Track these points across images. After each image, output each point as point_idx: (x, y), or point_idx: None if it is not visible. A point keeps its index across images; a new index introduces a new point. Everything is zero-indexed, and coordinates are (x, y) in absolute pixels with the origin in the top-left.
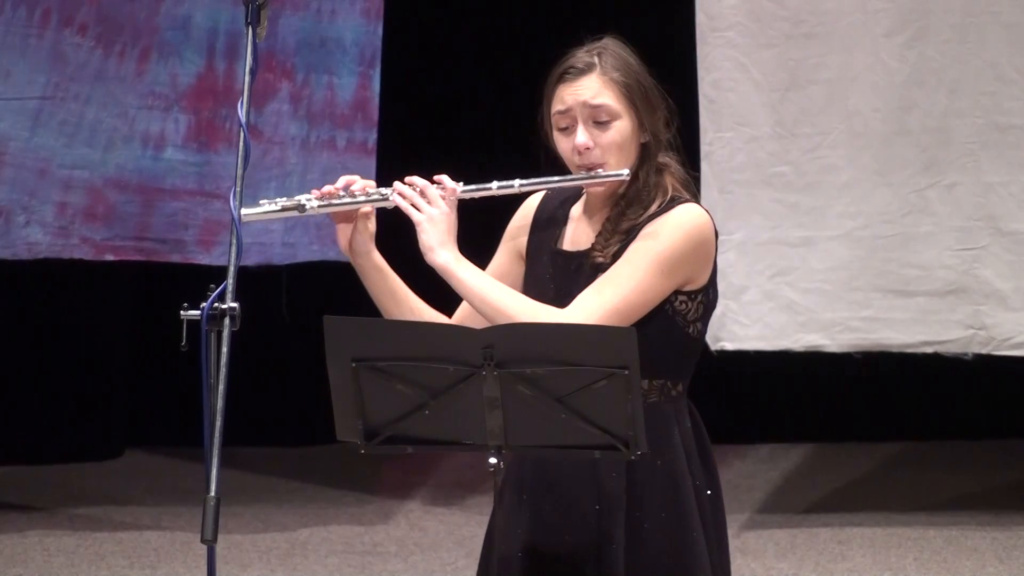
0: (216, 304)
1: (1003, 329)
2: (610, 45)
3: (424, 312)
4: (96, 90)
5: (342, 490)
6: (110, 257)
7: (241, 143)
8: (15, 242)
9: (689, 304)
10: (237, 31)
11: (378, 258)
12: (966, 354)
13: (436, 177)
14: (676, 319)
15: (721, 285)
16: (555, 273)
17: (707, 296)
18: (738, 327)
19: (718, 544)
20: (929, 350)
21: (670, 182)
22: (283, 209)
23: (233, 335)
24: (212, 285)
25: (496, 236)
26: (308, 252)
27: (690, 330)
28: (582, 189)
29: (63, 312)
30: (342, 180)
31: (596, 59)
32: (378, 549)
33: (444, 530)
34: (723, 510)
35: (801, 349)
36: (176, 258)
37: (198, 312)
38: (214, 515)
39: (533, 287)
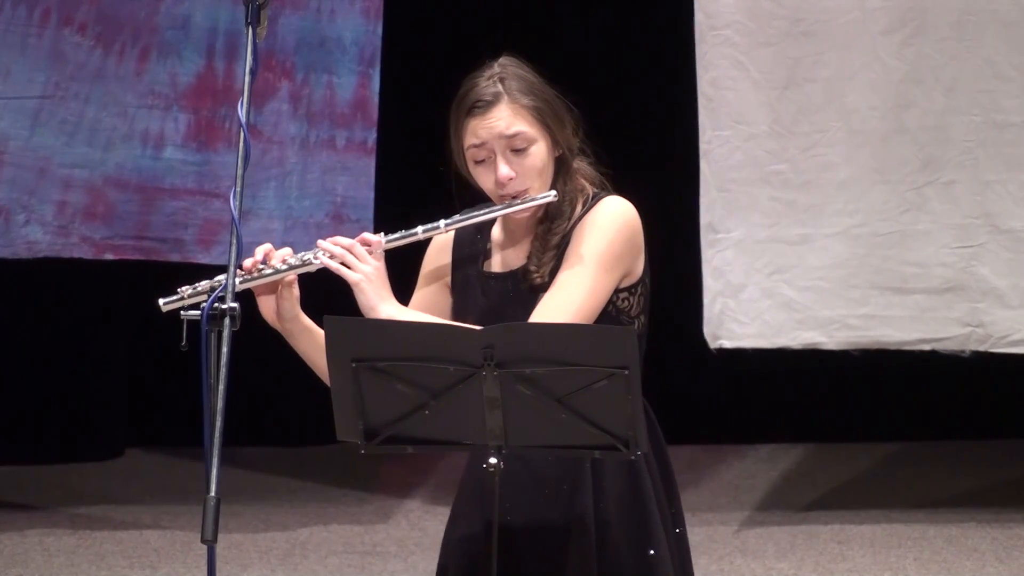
0: (216, 304)
1: (1001, 327)
2: (509, 67)
3: None
4: (96, 89)
5: (342, 490)
6: (110, 256)
7: (241, 143)
8: (15, 241)
9: (630, 300)
10: (237, 31)
11: (306, 320)
12: (964, 352)
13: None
14: (621, 318)
15: (719, 283)
16: (488, 296)
17: (644, 286)
18: (736, 325)
19: (676, 538)
20: (927, 348)
21: (584, 183)
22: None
23: (233, 335)
24: None
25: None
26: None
27: (636, 325)
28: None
29: (63, 312)
30: (260, 251)
31: (500, 86)
32: (378, 549)
33: (444, 530)
34: (680, 510)
35: (799, 347)
36: (176, 257)
37: (198, 312)
38: (214, 515)
39: (468, 316)
